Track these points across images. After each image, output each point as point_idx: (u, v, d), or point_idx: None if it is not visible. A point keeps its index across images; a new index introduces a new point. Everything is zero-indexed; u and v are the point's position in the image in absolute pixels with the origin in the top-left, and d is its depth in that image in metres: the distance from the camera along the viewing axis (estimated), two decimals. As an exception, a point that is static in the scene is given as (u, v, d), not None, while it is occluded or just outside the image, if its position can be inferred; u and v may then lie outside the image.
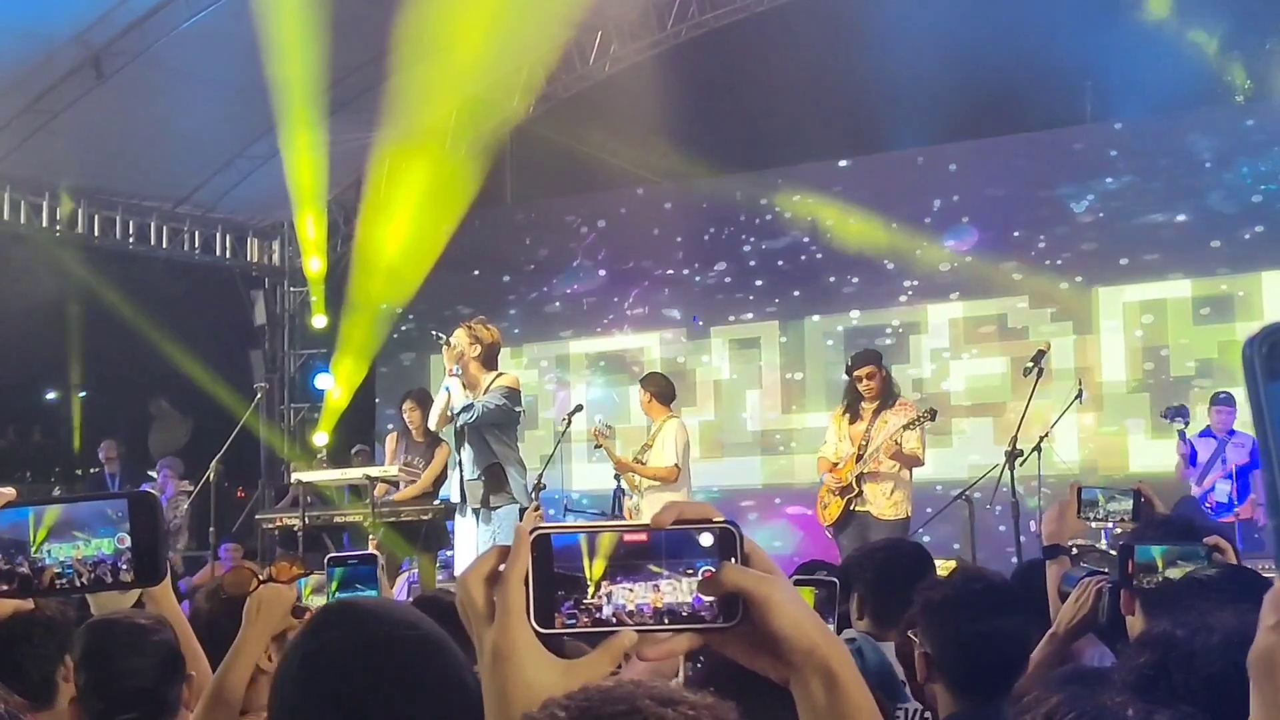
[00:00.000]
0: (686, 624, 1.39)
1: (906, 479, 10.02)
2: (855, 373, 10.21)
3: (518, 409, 9.85)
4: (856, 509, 9.95)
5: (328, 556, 3.26)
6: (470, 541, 9.54)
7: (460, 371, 9.61)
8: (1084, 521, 4.82)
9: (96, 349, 14.16)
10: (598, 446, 11.48)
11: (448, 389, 9.64)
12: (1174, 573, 3.43)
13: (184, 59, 13.66)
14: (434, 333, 10.27)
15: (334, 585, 3.08)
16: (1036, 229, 14.71)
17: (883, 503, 9.91)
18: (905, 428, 9.81)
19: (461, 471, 9.64)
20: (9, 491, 1.49)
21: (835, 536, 10.13)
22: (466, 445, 9.59)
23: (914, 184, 15.35)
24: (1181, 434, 11.65)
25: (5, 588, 1.47)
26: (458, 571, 6.60)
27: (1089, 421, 14.07)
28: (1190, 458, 11.63)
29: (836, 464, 10.13)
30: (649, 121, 14.73)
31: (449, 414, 9.62)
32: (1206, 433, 11.82)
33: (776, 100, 14.62)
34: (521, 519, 9.08)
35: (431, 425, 10.17)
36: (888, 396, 10.14)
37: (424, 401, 11.40)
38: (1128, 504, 4.77)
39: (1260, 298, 13.65)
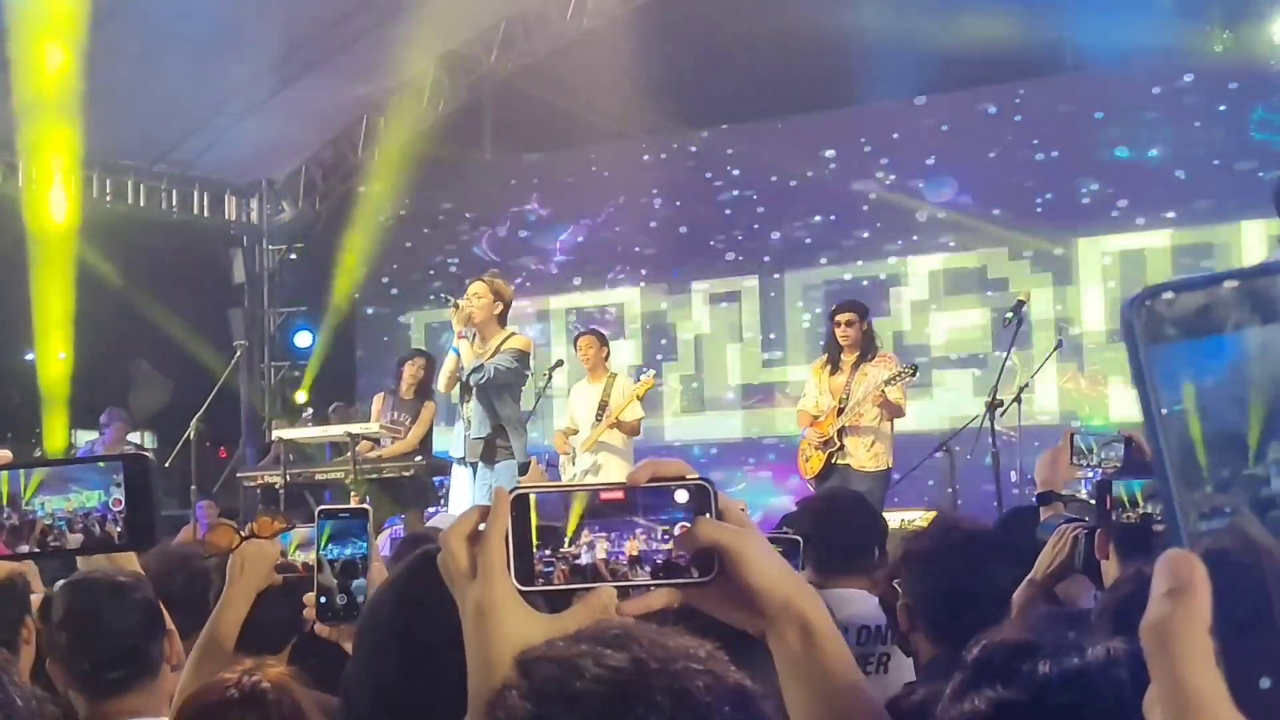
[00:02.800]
0: (663, 579, 1.40)
1: (887, 432, 10.03)
2: (836, 317, 10.20)
3: (527, 371, 9.78)
4: (838, 462, 9.97)
5: (319, 509, 3.25)
6: (467, 497, 9.49)
7: (472, 334, 9.49)
8: (1077, 468, 4.87)
9: (75, 309, 14.08)
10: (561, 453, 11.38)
11: (456, 351, 9.53)
12: (1153, 507, 3.44)
13: (159, 16, 13.55)
14: (445, 296, 10.11)
15: (324, 538, 3.07)
16: (1016, 180, 14.71)
17: (863, 455, 9.93)
18: (887, 383, 9.81)
19: (467, 428, 9.56)
20: (5, 453, 1.48)
21: (816, 489, 10.15)
22: (474, 402, 9.51)
23: (894, 137, 15.34)
24: None
25: (3, 544, 1.47)
26: None
27: (1069, 372, 14.12)
28: None
29: (817, 417, 10.14)
30: (627, 76, 14.67)
31: (458, 375, 9.53)
32: None
33: (756, 53, 14.58)
34: (521, 477, 9.09)
35: (440, 388, 10.03)
36: (868, 348, 10.13)
37: (432, 362, 11.43)
38: (1120, 451, 4.81)
39: (1240, 247, 13.67)
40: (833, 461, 9.97)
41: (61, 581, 3.70)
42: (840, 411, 9.94)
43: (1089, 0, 14.05)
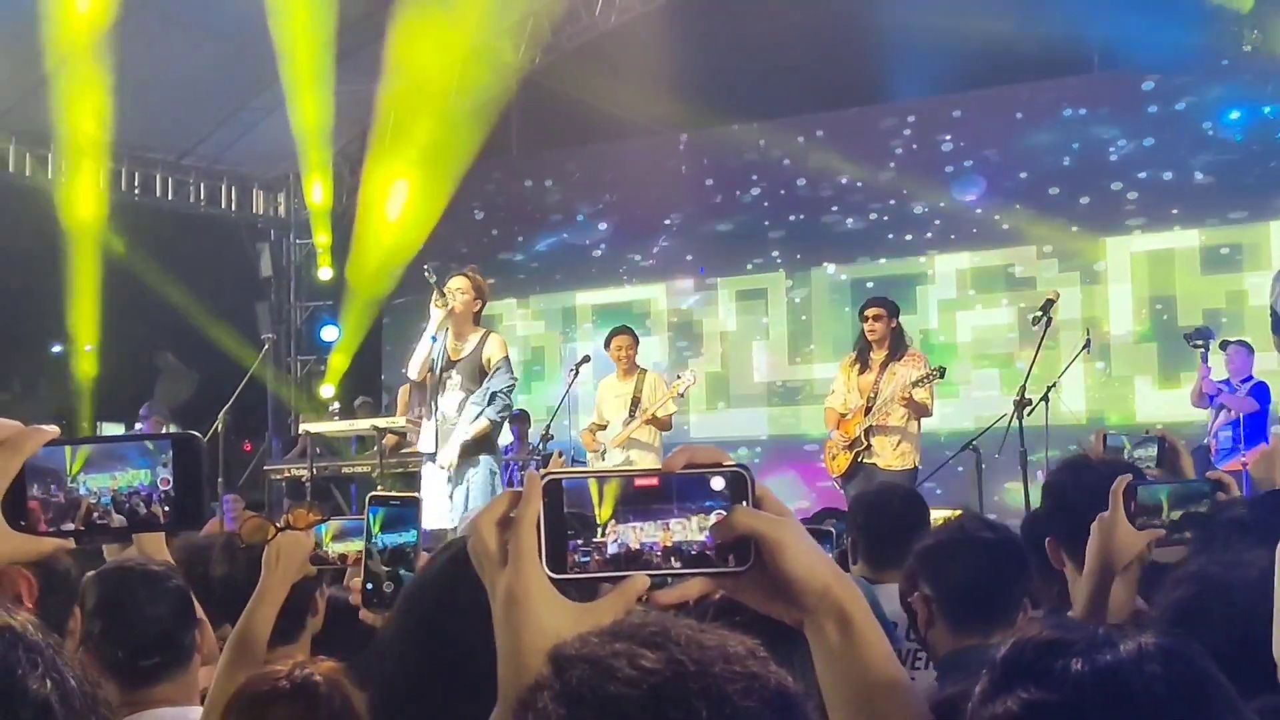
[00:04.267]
0: (698, 568, 1.38)
1: (914, 431, 9.99)
2: (864, 312, 10.17)
3: (515, 379, 9.72)
4: (864, 460, 9.93)
5: (369, 495, 3.24)
6: (439, 490, 9.37)
7: (446, 327, 9.40)
8: None
9: (102, 301, 14.13)
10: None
11: (434, 339, 9.44)
12: (1179, 514, 3.38)
13: (188, 11, 13.60)
14: (425, 269, 9.90)
15: (376, 526, 3.06)
16: (1044, 180, 14.66)
17: (890, 454, 9.89)
18: (915, 384, 9.77)
19: (438, 423, 9.43)
20: (53, 429, 1.48)
21: (843, 487, 10.13)
22: (448, 396, 9.44)
23: (923, 135, 15.31)
24: (1203, 356, 11.50)
25: (46, 522, 1.46)
26: (427, 521, 6.66)
27: (1096, 371, 14.07)
28: (1209, 392, 11.52)
29: (844, 415, 10.11)
30: (655, 72, 14.66)
31: (429, 367, 9.40)
32: (1225, 382, 11.79)
33: (783, 50, 14.55)
34: (491, 477, 9.05)
35: (413, 375, 9.88)
36: (897, 346, 10.09)
37: None
38: (1153, 450, 4.77)
39: (1269, 247, 13.62)
40: (859, 460, 9.94)
41: (92, 571, 3.71)
42: (868, 410, 9.91)
43: (1118, 1, 13.98)
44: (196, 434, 1.53)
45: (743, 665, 1.20)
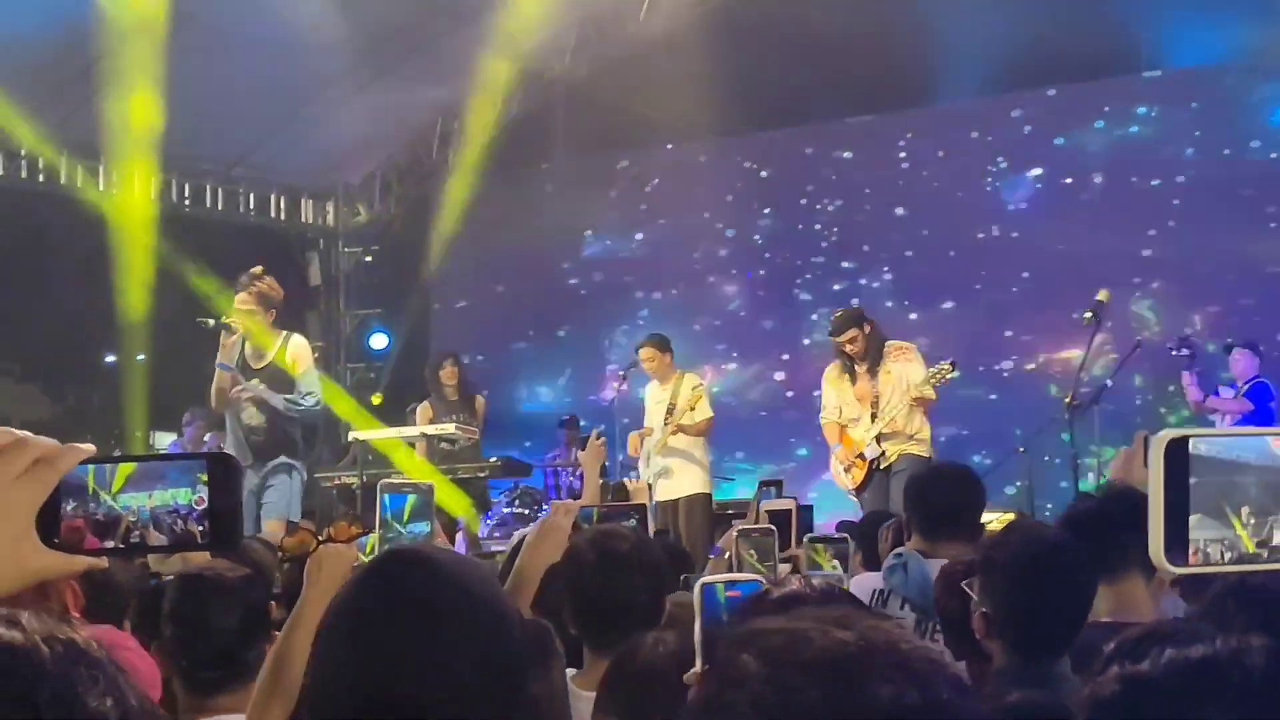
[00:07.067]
0: None
1: (921, 423, 9.88)
2: (838, 339, 10.05)
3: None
4: (880, 467, 9.84)
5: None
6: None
7: (235, 358, 9.39)
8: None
9: (154, 312, 14.21)
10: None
11: (230, 370, 9.39)
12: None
13: (236, 20, 13.68)
14: (208, 322, 9.73)
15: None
16: (1090, 178, 14.60)
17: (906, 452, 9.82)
18: (926, 382, 9.67)
19: (242, 432, 9.40)
20: (89, 448, 1.49)
21: (859, 496, 10.00)
22: (252, 407, 9.41)
23: (971, 136, 15.25)
24: (1186, 365, 11.66)
25: (85, 539, 1.47)
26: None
27: (1147, 372, 13.96)
28: (1195, 399, 11.71)
29: (844, 427, 10.00)
30: (702, 77, 14.62)
31: (228, 392, 9.40)
32: (1230, 385, 11.90)
33: (832, 53, 14.49)
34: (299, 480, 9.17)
35: (214, 405, 9.82)
36: (880, 349, 9.98)
37: (460, 362, 11.63)
38: None
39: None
40: (876, 468, 9.83)
41: (172, 575, 3.74)
42: (874, 418, 9.79)
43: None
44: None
45: (924, 648, 1.27)
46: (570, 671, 3.52)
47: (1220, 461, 1.27)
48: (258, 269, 9.66)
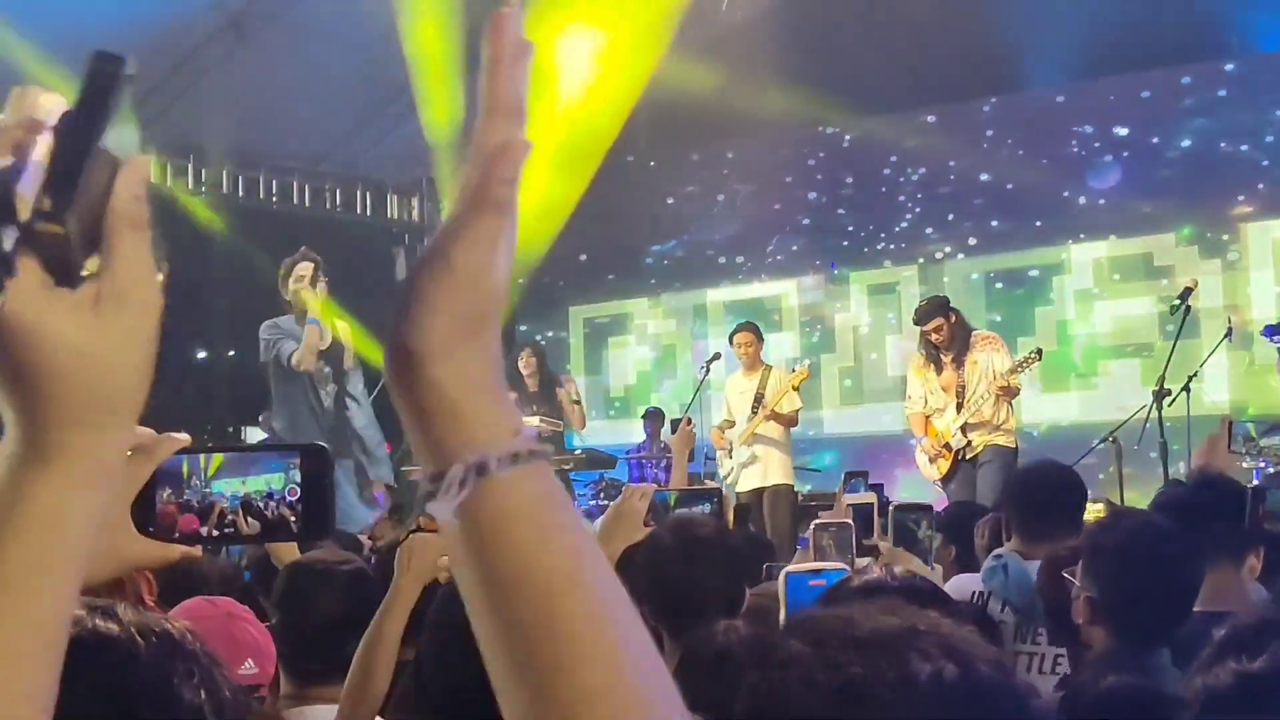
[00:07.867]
0: None
1: (1008, 414, 9.83)
2: (923, 328, 10.01)
3: None
4: (966, 458, 9.79)
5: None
6: None
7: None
8: (1236, 456, 4.75)
9: (243, 308, 14.37)
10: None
11: (318, 325, 9.54)
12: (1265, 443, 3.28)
13: (321, 18, 13.80)
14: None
15: None
16: (1181, 166, 14.40)
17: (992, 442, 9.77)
18: (1010, 372, 9.63)
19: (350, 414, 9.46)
20: (184, 437, 1.52)
21: (945, 487, 9.95)
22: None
23: (1056, 123, 15.10)
24: None
25: (182, 523, 1.50)
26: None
27: (1239, 361, 13.76)
28: None
29: (929, 417, 9.96)
30: (782, 66, 14.59)
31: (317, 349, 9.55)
32: None
33: (912, 41, 14.41)
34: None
35: (306, 365, 9.92)
36: (965, 338, 9.93)
37: (540, 352, 11.60)
38: (1278, 439, 4.68)
39: None
40: (962, 458, 9.78)
41: (289, 561, 3.78)
42: (959, 408, 9.75)
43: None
44: (324, 445, 1.56)
45: (965, 634, 1.32)
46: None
47: None
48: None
